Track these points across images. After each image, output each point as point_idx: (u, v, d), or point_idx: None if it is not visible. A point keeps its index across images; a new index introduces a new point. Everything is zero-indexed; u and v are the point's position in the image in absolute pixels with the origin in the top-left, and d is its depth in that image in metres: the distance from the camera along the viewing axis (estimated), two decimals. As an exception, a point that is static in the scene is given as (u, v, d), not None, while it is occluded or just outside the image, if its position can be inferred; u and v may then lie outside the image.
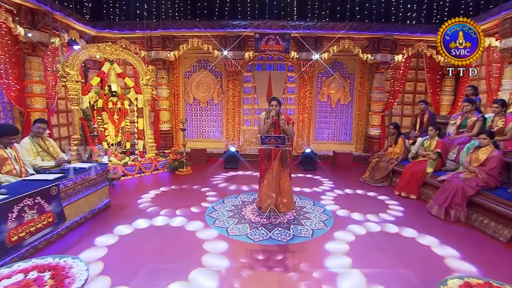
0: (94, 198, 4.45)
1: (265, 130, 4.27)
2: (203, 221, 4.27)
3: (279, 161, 4.43)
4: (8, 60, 5.90)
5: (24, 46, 6.06)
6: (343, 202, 5.15)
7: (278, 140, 3.93)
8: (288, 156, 4.44)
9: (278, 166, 4.45)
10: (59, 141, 7.55)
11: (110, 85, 6.90)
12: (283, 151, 4.34)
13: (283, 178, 4.53)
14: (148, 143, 7.62)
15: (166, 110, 8.66)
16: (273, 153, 4.18)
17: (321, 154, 8.44)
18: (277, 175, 4.45)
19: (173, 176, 6.80)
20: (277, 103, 4.27)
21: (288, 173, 4.55)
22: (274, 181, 4.34)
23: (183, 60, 8.77)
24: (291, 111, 8.88)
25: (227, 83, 8.67)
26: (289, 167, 4.57)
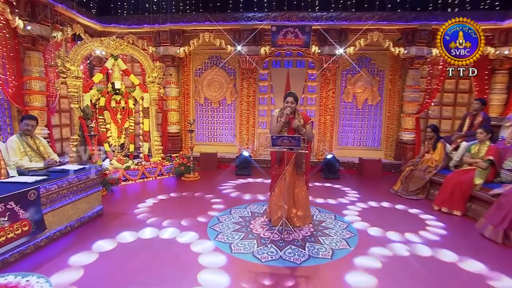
0: (83, 204, 4.15)
1: (277, 130, 3.87)
2: (203, 234, 3.86)
3: (293, 166, 3.99)
4: (6, 54, 5.82)
5: (23, 40, 5.98)
6: (371, 217, 4.58)
7: (292, 141, 3.49)
8: (303, 161, 3.98)
9: (292, 172, 3.99)
10: (60, 142, 7.44)
11: (113, 82, 6.71)
12: (297, 154, 3.88)
13: (298, 187, 4.07)
14: (154, 146, 7.36)
15: (175, 110, 8.45)
16: (285, 157, 3.70)
17: (345, 161, 7.91)
18: (291, 183, 4.02)
19: (179, 182, 6.51)
20: (294, 99, 3.87)
21: (304, 181, 4.11)
22: (287, 190, 3.90)
23: (193, 56, 8.56)
24: (311, 113, 8.46)
25: (241, 82, 8.36)
26: (306, 174, 4.10)
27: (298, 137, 3.48)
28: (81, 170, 4.16)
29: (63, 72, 5.91)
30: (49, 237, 3.56)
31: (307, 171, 4.12)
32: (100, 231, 3.93)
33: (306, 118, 4.00)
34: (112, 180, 5.63)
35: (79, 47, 6.19)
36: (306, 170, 4.10)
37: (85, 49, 6.29)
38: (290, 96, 3.90)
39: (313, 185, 6.35)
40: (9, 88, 5.90)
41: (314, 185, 6.41)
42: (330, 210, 4.82)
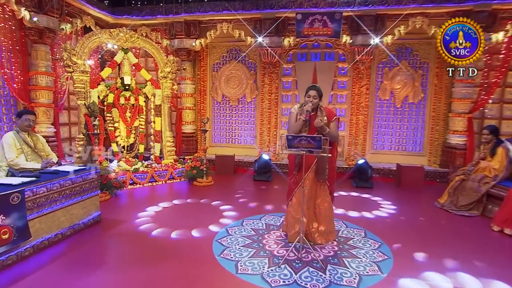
0: (77, 210, 3.98)
1: (295, 130, 3.53)
2: (207, 248, 3.55)
3: (314, 172, 3.61)
4: (12, 48, 5.88)
5: (29, 32, 6.03)
6: (410, 235, 4.08)
7: (311, 142, 3.11)
8: (326, 167, 3.59)
9: (313, 180, 3.62)
10: (69, 141, 7.47)
11: (123, 77, 6.63)
12: (319, 158, 3.49)
13: (320, 197, 3.69)
14: (166, 147, 7.25)
15: (190, 109, 8.31)
16: (304, 161, 3.31)
17: (379, 167, 7.39)
18: (312, 192, 3.65)
19: (190, 187, 6.33)
20: (317, 94, 3.52)
21: (328, 191, 3.71)
22: (307, 201, 3.56)
23: (211, 50, 8.41)
24: (342, 112, 8.03)
25: (262, 77, 8.10)
26: (330, 182, 3.71)
27: (319, 137, 3.08)
28: (76, 171, 3.99)
29: (69, 66, 5.87)
30: (35, 247, 3.39)
31: (331, 178, 3.72)
32: (94, 240, 3.74)
33: (330, 115, 3.62)
34: (116, 183, 5.49)
35: (86, 40, 6.16)
36: (331, 177, 3.70)
37: (93, 42, 6.25)
38: (312, 89, 3.56)
39: (340, 195, 5.94)
40: (14, 83, 5.94)
41: (342, 194, 5.99)
42: (359, 225, 4.35)
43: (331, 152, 3.50)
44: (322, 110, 3.63)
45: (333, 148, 3.67)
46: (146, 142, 7.67)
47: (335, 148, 3.74)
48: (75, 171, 3.98)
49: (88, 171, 4.17)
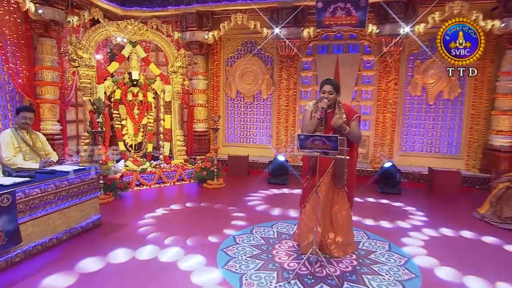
0: (75, 213, 3.92)
1: (309, 129, 3.34)
2: (211, 258, 3.41)
3: (330, 177, 3.39)
4: (17, 41, 5.95)
5: (35, 25, 6.09)
6: (442, 251, 3.77)
7: (326, 142, 2.89)
8: (345, 171, 3.36)
9: (329, 185, 3.41)
10: (76, 140, 7.52)
11: (130, 72, 6.59)
12: (336, 161, 3.29)
13: (337, 204, 3.48)
14: (176, 146, 7.21)
15: (203, 106, 8.26)
16: (319, 164, 3.11)
17: (409, 171, 7.05)
18: (328, 198, 3.44)
19: (200, 189, 6.26)
20: (333, 88, 3.32)
21: (347, 197, 3.49)
22: (322, 208, 3.35)
23: (225, 43, 8.31)
24: (367, 110, 7.75)
25: (280, 72, 7.94)
26: (349, 187, 3.50)
27: (335, 137, 2.86)
28: (74, 171, 3.93)
29: (74, 61, 5.87)
30: (27, 252, 3.33)
31: (351, 183, 3.50)
32: (91, 246, 3.68)
33: (350, 112, 3.40)
34: (121, 184, 5.43)
35: (93, 32, 6.16)
36: (350, 182, 3.48)
37: (99, 35, 6.25)
38: (327, 83, 3.35)
39: (363, 201, 5.67)
40: (19, 79, 6.01)
41: (365, 201, 5.72)
42: (383, 237, 4.07)
43: (350, 154, 3.32)
44: (340, 107, 3.40)
45: (353, 149, 3.46)
46: (155, 141, 7.63)
47: (355, 150, 3.51)
48: (73, 171, 3.91)
49: (87, 171, 4.10)
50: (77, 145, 7.60)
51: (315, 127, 3.33)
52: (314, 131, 3.33)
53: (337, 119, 3.23)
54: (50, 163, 4.27)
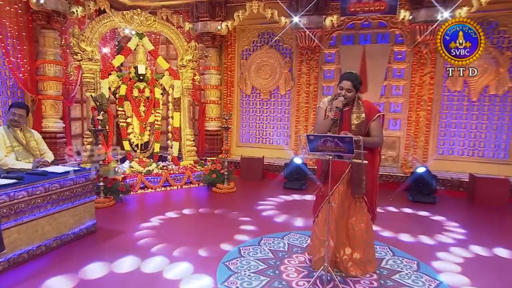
0: (67, 218, 3.85)
1: (322, 130, 3.13)
2: (211, 273, 3.23)
3: (345, 184, 3.17)
4: (18, 34, 6.00)
5: (37, 17, 6.12)
6: (484, 275, 3.44)
7: (339, 144, 2.66)
8: (363, 178, 3.13)
9: (345, 193, 3.19)
10: (81, 139, 7.55)
11: (136, 66, 6.54)
12: (354, 167, 3.07)
13: (354, 215, 3.25)
14: (185, 146, 7.15)
15: (215, 103, 8.19)
16: (332, 169, 2.91)
17: (446, 177, 6.67)
18: (343, 208, 3.21)
19: (208, 193, 6.18)
20: (352, 85, 3.10)
21: (367, 207, 3.24)
22: (338, 219, 3.14)
23: (240, 34, 8.23)
24: (397, 107, 7.42)
25: (299, 65, 7.76)
26: (370, 196, 3.23)
27: (350, 138, 2.62)
28: (67, 173, 3.85)
29: (76, 54, 5.86)
30: (11, 260, 3.26)
31: (371, 192, 3.24)
32: (83, 254, 3.60)
33: (371, 111, 3.16)
34: (122, 187, 5.36)
35: (96, 24, 6.15)
36: (370, 191, 3.22)
37: (103, 26, 6.23)
38: (346, 79, 3.11)
39: (389, 211, 5.37)
40: (20, 73, 6.05)
41: (391, 211, 5.41)
42: (412, 254, 3.76)
43: (371, 158, 3.10)
44: (359, 105, 3.17)
45: (374, 152, 3.22)
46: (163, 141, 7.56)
47: (377, 153, 3.26)
48: (65, 173, 3.84)
49: (81, 172, 4.02)
50: (82, 144, 7.64)
51: (328, 128, 3.12)
52: (327, 132, 3.10)
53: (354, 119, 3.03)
54: (44, 163, 4.21)
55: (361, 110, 3.14)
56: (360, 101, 3.20)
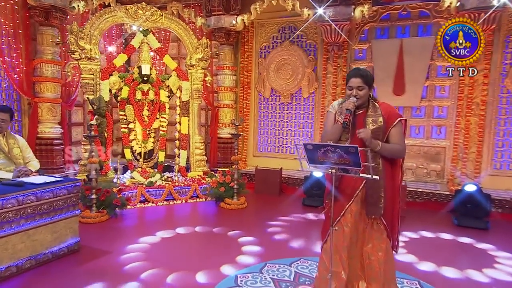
0: (44, 235, 3.79)
1: (331, 138, 2.89)
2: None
3: (359, 203, 2.90)
4: (14, 31, 6.13)
5: (34, 13, 6.24)
6: None
7: (343, 155, 2.46)
8: (381, 195, 2.85)
9: (359, 214, 2.90)
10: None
11: (140, 66, 6.55)
12: (369, 183, 2.81)
13: (371, 242, 2.95)
14: (194, 155, 7.10)
15: (229, 107, 8.15)
16: (343, 185, 2.77)
17: (504, 197, 6.19)
18: (356, 233, 2.94)
19: (215, 209, 6.09)
20: (363, 81, 2.88)
21: (385, 233, 2.94)
22: (348, 245, 2.88)
23: (257, 29, 8.21)
24: (442, 112, 7.09)
25: (325, 64, 7.60)
26: (390, 219, 2.93)
27: (355, 147, 2.40)
28: (46, 184, 3.80)
29: (72, 52, 5.91)
30: (-27, 282, 3.18)
31: (392, 212, 2.93)
32: (57, 279, 3.49)
33: (390, 115, 2.89)
34: (117, 200, 5.27)
35: (97, 19, 6.22)
36: (391, 211, 2.92)
37: (105, 22, 6.29)
38: (354, 76, 2.89)
39: (426, 238, 4.99)
40: (15, 74, 6.17)
41: (426, 236, 5.03)
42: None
43: (390, 171, 2.87)
44: (376, 107, 2.91)
45: (395, 165, 2.95)
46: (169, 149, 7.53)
47: (399, 165, 2.97)
48: (44, 184, 3.78)
49: (63, 183, 3.96)
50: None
51: (338, 135, 2.87)
52: (338, 140, 2.88)
53: (365, 132, 2.73)
54: (26, 172, 4.18)
55: (378, 113, 2.87)
56: (377, 103, 2.94)
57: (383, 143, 2.78)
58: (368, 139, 2.72)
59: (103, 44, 7.84)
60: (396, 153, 2.87)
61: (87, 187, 5.14)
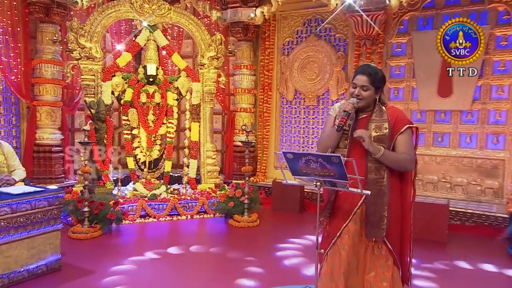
0: (19, 251, 3.86)
1: (327, 144, 2.85)
2: None
3: (359, 223, 2.78)
4: (12, 29, 6.40)
5: (34, 9, 6.50)
6: None
7: (326, 165, 2.42)
8: (384, 214, 2.73)
9: (358, 235, 2.79)
10: (86, 153, 7.84)
11: (145, 66, 6.67)
12: (370, 200, 2.72)
13: (373, 270, 2.81)
14: (205, 165, 7.15)
15: (247, 111, 8.19)
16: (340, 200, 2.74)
17: None
18: (355, 257, 2.81)
19: (223, 227, 6.11)
20: (369, 81, 2.79)
21: (392, 259, 2.80)
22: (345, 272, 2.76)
23: (279, 23, 8.22)
24: (500, 117, 6.81)
25: (356, 61, 7.46)
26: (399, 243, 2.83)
27: (337, 157, 2.36)
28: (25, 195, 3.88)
29: (72, 51, 6.09)
30: None
31: (402, 235, 2.85)
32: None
33: (397, 121, 2.78)
34: (111, 214, 5.35)
35: (99, 15, 6.42)
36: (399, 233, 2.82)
37: (107, 17, 6.48)
38: (360, 72, 2.81)
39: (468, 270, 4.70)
40: (13, 75, 6.43)
41: (465, 268, 4.74)
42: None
43: (398, 186, 2.79)
44: (382, 112, 2.81)
45: (405, 180, 2.84)
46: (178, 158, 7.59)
47: (410, 180, 2.85)
48: (21, 194, 3.87)
49: (42, 194, 4.04)
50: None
51: (335, 141, 2.79)
52: (338, 148, 2.81)
53: (362, 131, 2.65)
54: (8, 181, 4.32)
55: (384, 118, 2.76)
56: (385, 107, 2.82)
57: (386, 149, 2.66)
58: (367, 140, 2.62)
59: (111, 41, 8.07)
60: (402, 164, 2.74)
61: (79, 199, 5.27)
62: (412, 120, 3.16)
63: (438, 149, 6.98)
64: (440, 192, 6.92)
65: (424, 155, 7.00)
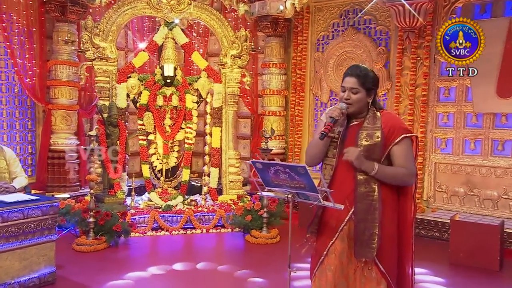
0: (10, 262, 4.07)
1: (314, 152, 2.95)
2: None
3: (345, 241, 2.82)
4: (27, 29, 6.84)
5: (49, 8, 6.89)
6: None
7: (294, 176, 2.53)
8: (375, 231, 2.74)
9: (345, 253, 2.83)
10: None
11: (162, 66, 6.88)
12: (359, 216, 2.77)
13: None
14: (228, 174, 7.23)
15: (277, 114, 8.18)
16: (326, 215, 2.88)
17: None
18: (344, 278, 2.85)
19: (239, 243, 6.18)
20: (358, 83, 2.82)
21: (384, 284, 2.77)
22: None
23: (313, 16, 8.19)
24: None
25: (400, 57, 7.33)
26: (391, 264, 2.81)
27: (303, 167, 2.43)
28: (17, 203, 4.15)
29: (82, 51, 6.43)
30: None
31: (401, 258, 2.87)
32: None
33: (393, 129, 2.78)
34: (117, 226, 5.58)
35: (114, 12, 6.68)
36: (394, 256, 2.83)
37: (123, 15, 6.74)
38: (349, 74, 2.86)
39: None
40: (27, 77, 6.88)
41: None
42: None
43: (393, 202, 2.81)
44: (376, 118, 2.81)
45: (404, 195, 2.85)
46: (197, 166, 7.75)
47: (410, 196, 2.85)
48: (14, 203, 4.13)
49: (36, 203, 4.28)
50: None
51: (322, 149, 2.84)
52: (327, 157, 2.88)
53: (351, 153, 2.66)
54: (7, 189, 4.60)
55: (377, 125, 2.75)
56: (380, 112, 2.80)
57: (381, 165, 2.65)
58: (355, 163, 2.63)
59: (132, 39, 8.42)
60: (401, 179, 2.73)
61: (84, 209, 5.55)
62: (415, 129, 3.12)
63: (498, 160, 6.62)
64: (500, 210, 6.51)
65: (480, 166, 6.71)
